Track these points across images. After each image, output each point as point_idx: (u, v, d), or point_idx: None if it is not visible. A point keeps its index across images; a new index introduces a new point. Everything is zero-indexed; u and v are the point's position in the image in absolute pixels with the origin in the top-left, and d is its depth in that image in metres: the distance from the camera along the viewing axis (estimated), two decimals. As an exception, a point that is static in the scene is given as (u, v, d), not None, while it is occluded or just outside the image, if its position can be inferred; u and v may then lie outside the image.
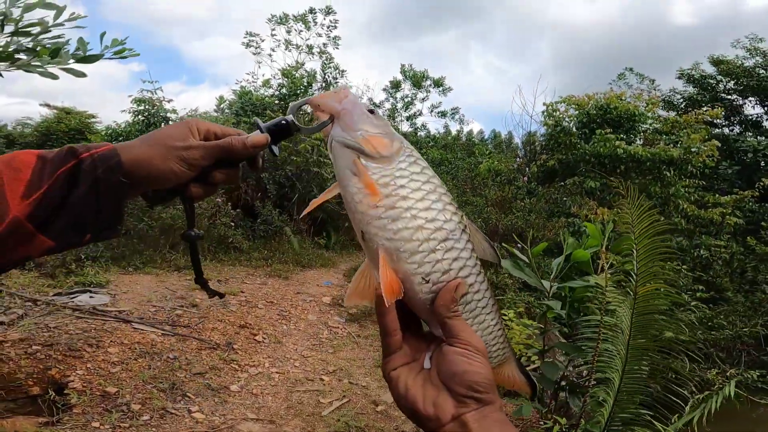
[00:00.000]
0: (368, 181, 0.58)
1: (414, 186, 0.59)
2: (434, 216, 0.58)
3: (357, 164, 0.59)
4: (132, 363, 3.64)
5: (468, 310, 0.59)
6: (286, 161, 10.95)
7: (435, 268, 0.56)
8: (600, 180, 8.63)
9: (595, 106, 9.79)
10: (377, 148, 0.60)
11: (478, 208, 7.81)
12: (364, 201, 0.58)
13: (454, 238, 0.58)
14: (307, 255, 10.05)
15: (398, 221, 0.56)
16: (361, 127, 0.61)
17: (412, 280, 0.55)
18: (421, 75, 16.38)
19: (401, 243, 0.55)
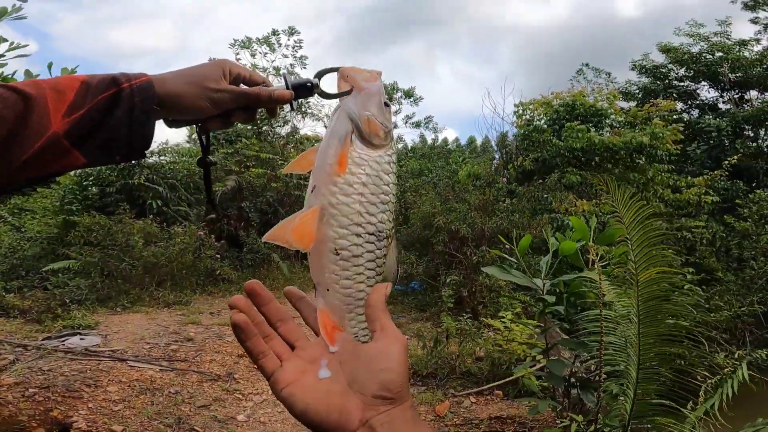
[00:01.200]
0: (344, 155, 0.63)
1: (376, 181, 0.65)
2: (374, 211, 0.64)
3: (347, 137, 0.65)
4: (134, 400, 3.55)
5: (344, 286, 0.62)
6: (266, 188, 10.87)
7: (350, 248, 0.61)
8: (578, 174, 8.84)
9: (562, 104, 10.09)
10: (372, 134, 0.66)
11: (462, 213, 7.90)
12: (333, 165, 0.64)
13: (377, 236, 0.63)
14: (298, 279, 9.97)
15: (346, 197, 0.62)
16: (371, 110, 0.67)
17: (326, 245, 0.61)
18: (391, 87, 16.62)
19: (336, 212, 0.62)
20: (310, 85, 0.74)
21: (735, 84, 12.51)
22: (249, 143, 11.08)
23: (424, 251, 9.38)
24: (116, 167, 9.61)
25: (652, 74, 13.49)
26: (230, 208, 10.64)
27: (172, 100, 0.65)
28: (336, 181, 0.63)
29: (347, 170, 0.64)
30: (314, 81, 0.74)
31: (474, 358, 4.90)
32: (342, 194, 0.63)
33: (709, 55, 12.57)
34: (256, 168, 10.59)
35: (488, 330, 5.58)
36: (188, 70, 0.69)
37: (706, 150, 11.39)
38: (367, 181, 0.64)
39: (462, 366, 4.58)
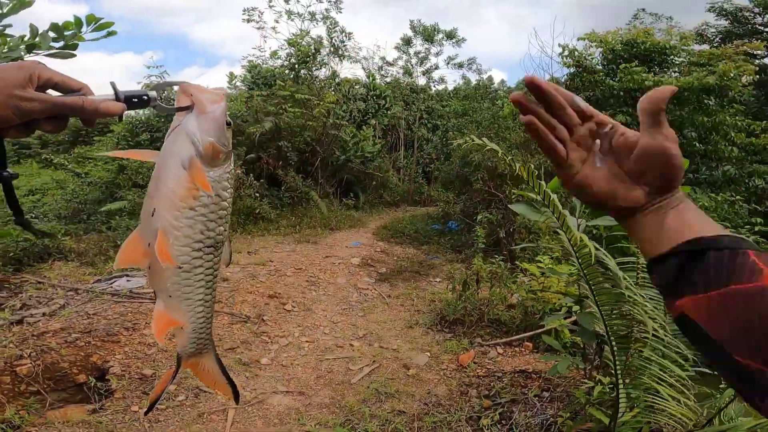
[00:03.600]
0: (205, 180, 0.66)
1: (216, 200, 0.69)
2: (213, 227, 0.70)
3: (195, 163, 0.66)
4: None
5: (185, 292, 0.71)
6: (303, 127, 10.75)
7: (191, 262, 0.69)
8: (631, 114, 8.12)
9: (621, 42, 9.16)
10: (212, 158, 0.68)
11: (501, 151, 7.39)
12: (177, 192, 0.67)
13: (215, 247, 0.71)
14: (336, 217, 10.04)
15: (188, 219, 0.67)
16: (213, 134, 0.67)
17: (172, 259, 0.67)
18: (432, 29, 15.63)
19: (179, 234, 0.67)
20: (146, 98, 0.69)
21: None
22: (285, 85, 10.91)
23: (463, 189, 9.03)
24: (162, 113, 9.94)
25: (733, 17, 12.16)
26: (269, 148, 10.67)
27: None
28: (178, 206, 0.67)
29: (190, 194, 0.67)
30: (151, 94, 0.70)
31: (506, 305, 4.71)
32: (185, 218, 0.67)
33: None
34: (292, 109, 10.44)
35: (523, 275, 5.33)
36: None
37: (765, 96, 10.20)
38: (209, 201, 0.68)
39: (492, 313, 4.42)
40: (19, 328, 3.70)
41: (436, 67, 16.63)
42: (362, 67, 15.86)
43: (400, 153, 15.75)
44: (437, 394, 3.09)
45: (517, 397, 2.91)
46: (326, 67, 13.02)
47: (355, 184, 12.67)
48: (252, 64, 12.82)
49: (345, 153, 11.96)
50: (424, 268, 6.62)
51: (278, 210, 9.81)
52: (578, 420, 2.32)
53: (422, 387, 3.21)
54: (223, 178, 0.70)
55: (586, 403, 2.30)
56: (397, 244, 8.32)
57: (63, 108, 0.62)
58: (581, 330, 2.92)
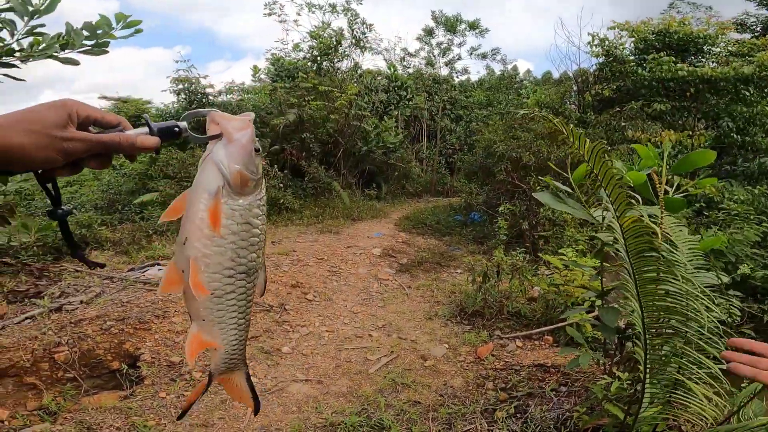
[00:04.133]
0: (217, 213, 0.68)
1: (246, 228, 0.71)
2: (244, 254, 0.71)
3: (218, 192, 0.68)
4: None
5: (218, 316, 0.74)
6: (326, 119, 10.84)
7: (223, 288, 0.71)
8: (668, 103, 7.83)
9: (653, 31, 8.84)
10: (241, 186, 0.69)
11: (527, 142, 7.25)
12: (207, 221, 0.68)
13: (247, 273, 0.73)
14: (358, 208, 10.11)
15: (218, 248, 0.69)
16: (241, 162, 0.68)
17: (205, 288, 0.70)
18: (455, 19, 15.36)
19: (209, 261, 0.69)
20: (177, 130, 0.70)
21: None
22: (307, 77, 11.00)
23: (486, 180, 8.92)
24: (190, 107, 10.28)
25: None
26: (293, 140, 10.81)
27: (12, 152, 0.56)
28: (208, 235, 0.68)
29: (219, 227, 0.68)
30: (182, 125, 0.70)
31: (527, 298, 4.67)
32: (214, 246, 0.69)
33: None
34: (315, 101, 10.53)
35: (546, 268, 5.25)
36: (26, 115, 0.58)
37: None
38: (238, 230, 0.70)
39: (512, 306, 4.39)
40: (58, 316, 3.91)
41: (458, 58, 16.39)
42: (384, 58, 15.78)
43: (422, 144, 15.65)
44: (453, 385, 3.12)
45: (534, 390, 2.90)
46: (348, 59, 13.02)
47: (378, 175, 12.69)
48: (275, 57, 12.96)
49: (367, 144, 11.98)
50: (445, 260, 6.61)
51: (301, 200, 9.96)
52: (594, 415, 2.30)
53: (439, 378, 3.23)
54: (254, 206, 0.71)
55: (603, 399, 2.28)
56: (419, 234, 8.32)
57: (103, 146, 0.63)
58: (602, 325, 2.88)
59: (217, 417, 2.66)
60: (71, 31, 2.32)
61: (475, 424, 2.57)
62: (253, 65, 12.90)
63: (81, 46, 2.36)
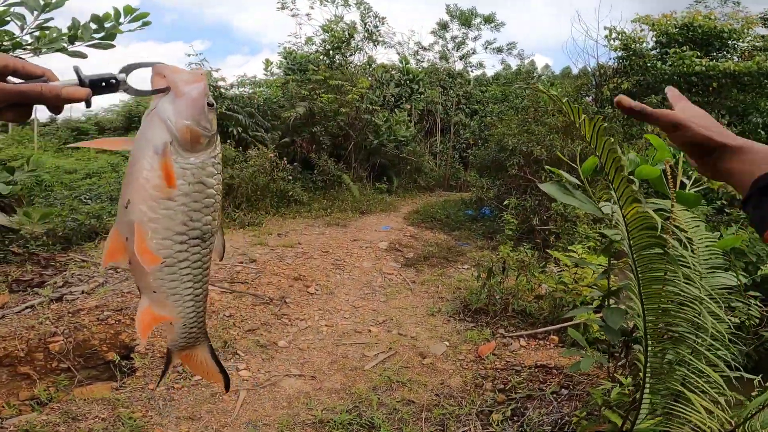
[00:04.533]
0: (171, 172, 0.61)
1: (199, 188, 0.64)
2: (198, 217, 0.65)
3: (167, 150, 0.62)
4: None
5: (171, 287, 0.67)
6: (336, 113, 10.76)
7: (175, 255, 0.65)
8: (691, 98, 7.55)
9: (675, 25, 8.50)
10: (192, 143, 0.63)
11: (540, 136, 7.04)
12: (152, 181, 0.61)
13: (202, 239, 0.67)
14: (367, 201, 10.02)
15: (167, 210, 0.63)
16: (191, 117, 0.63)
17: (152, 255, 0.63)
18: (469, 12, 15.05)
19: (157, 226, 0.63)
20: (114, 81, 0.63)
21: None
22: (319, 70, 10.93)
23: (498, 175, 8.74)
24: None
25: None
26: (303, 133, 10.77)
27: None
28: (154, 196, 0.62)
29: (175, 186, 0.62)
30: (120, 77, 0.63)
31: (534, 295, 4.52)
32: (163, 208, 0.63)
33: None
34: (326, 94, 10.46)
35: (555, 265, 5.08)
36: None
37: None
38: (190, 190, 0.64)
39: (517, 304, 4.25)
40: (58, 305, 3.92)
41: (473, 52, 16.09)
42: (396, 52, 15.59)
43: (436, 138, 15.46)
44: (450, 385, 3.01)
45: (533, 393, 2.78)
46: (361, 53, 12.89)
47: (389, 168, 12.57)
48: (287, 50, 12.92)
49: (378, 137, 11.86)
50: (452, 255, 6.48)
51: (311, 193, 9.92)
52: (592, 421, 2.17)
53: (436, 377, 3.13)
54: (208, 164, 0.65)
55: (603, 405, 2.15)
56: (428, 229, 8.19)
57: (21, 96, 0.58)
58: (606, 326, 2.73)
59: (204, 410, 2.61)
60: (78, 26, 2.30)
61: (468, 427, 2.46)
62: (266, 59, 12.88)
63: (90, 39, 2.33)
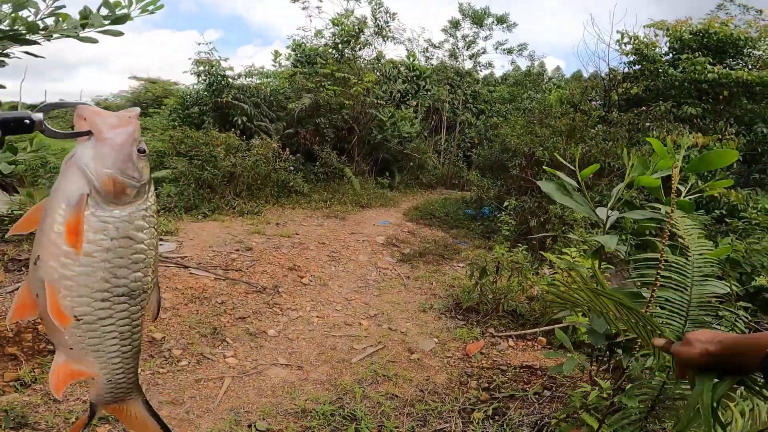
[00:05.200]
0: (77, 228, 0.57)
1: (125, 243, 0.60)
2: (124, 274, 0.62)
3: (80, 201, 0.57)
4: (182, 308, 3.87)
5: (92, 344, 0.63)
6: (342, 106, 10.74)
7: (95, 313, 0.61)
8: (700, 106, 7.45)
9: (690, 31, 8.40)
10: (116, 194, 0.59)
11: (543, 138, 7.01)
12: (61, 235, 0.57)
13: (129, 296, 0.64)
14: (368, 195, 10.03)
15: (83, 268, 0.58)
16: (113, 165, 0.59)
17: (66, 313, 0.59)
18: (483, 12, 14.94)
19: (72, 284, 0.58)
20: (28, 122, 0.59)
21: None
22: (326, 63, 10.91)
23: (500, 175, 8.72)
24: (209, 88, 10.40)
25: None
26: (307, 124, 10.77)
27: None
28: (66, 253, 0.57)
29: (84, 238, 0.58)
30: (36, 117, 0.59)
31: (526, 296, 4.52)
32: (78, 266, 0.58)
33: None
34: (331, 87, 10.44)
35: (549, 266, 5.08)
36: None
37: None
38: (113, 246, 0.61)
39: (508, 304, 4.25)
40: (52, 282, 3.96)
41: (483, 52, 16.00)
42: (406, 48, 15.51)
43: (441, 136, 15.41)
44: (436, 381, 3.02)
45: (516, 393, 2.79)
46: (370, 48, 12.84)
47: (392, 164, 12.56)
48: (296, 42, 12.90)
49: (382, 132, 11.84)
50: (449, 252, 6.49)
51: (312, 184, 9.94)
52: (570, 423, 2.18)
53: (422, 373, 3.14)
54: (136, 217, 0.61)
55: (581, 407, 2.16)
56: (426, 225, 8.20)
57: None
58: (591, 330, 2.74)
59: (187, 396, 2.63)
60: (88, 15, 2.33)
61: (449, 423, 2.47)
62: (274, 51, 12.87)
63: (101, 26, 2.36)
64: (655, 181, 2.40)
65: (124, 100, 19.25)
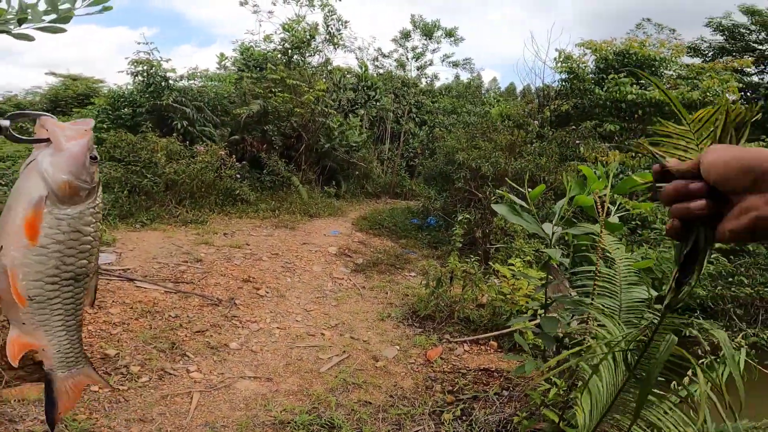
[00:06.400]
0: (34, 224, 0.66)
1: (75, 236, 0.70)
2: (72, 261, 0.71)
3: (39, 202, 0.67)
4: (133, 323, 3.69)
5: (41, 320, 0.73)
6: (291, 113, 10.65)
7: (44, 294, 0.70)
8: (619, 124, 8.29)
9: (614, 51, 9.32)
10: (70, 196, 0.68)
11: (486, 152, 7.48)
12: (22, 229, 0.67)
13: (76, 279, 0.72)
14: (316, 204, 10.01)
15: (38, 257, 0.68)
16: (69, 172, 0.67)
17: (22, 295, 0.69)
18: (433, 25, 15.54)
19: (28, 270, 0.68)
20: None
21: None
22: (276, 69, 10.77)
23: (445, 186, 9.11)
24: (147, 89, 9.81)
25: (729, 33, 12.49)
26: (254, 131, 10.55)
27: None
28: (26, 244, 0.66)
29: (41, 232, 0.67)
30: (3, 123, 0.69)
31: (476, 304, 4.82)
32: (34, 255, 0.68)
33: None
34: (282, 94, 10.33)
35: (495, 276, 5.44)
36: None
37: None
38: (65, 239, 0.70)
39: (462, 311, 4.51)
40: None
41: (430, 63, 16.61)
42: (356, 56, 15.70)
43: (385, 145, 15.74)
44: (403, 387, 3.16)
45: (478, 394, 3.01)
46: (320, 54, 12.86)
47: (338, 173, 12.63)
48: (244, 46, 12.60)
49: (330, 141, 11.89)
50: (400, 262, 6.69)
51: (258, 193, 9.73)
52: (532, 420, 2.42)
53: (389, 379, 3.27)
54: (86, 214, 0.71)
55: (541, 404, 2.40)
56: (375, 236, 8.36)
57: None
58: (543, 333, 3.03)
59: (156, 412, 2.55)
60: (25, 8, 2.19)
61: (423, 426, 2.62)
62: (220, 53, 12.48)
63: (39, 21, 2.23)
64: (589, 200, 2.77)
65: (39, 96, 17.58)
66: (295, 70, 11.38)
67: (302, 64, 12.14)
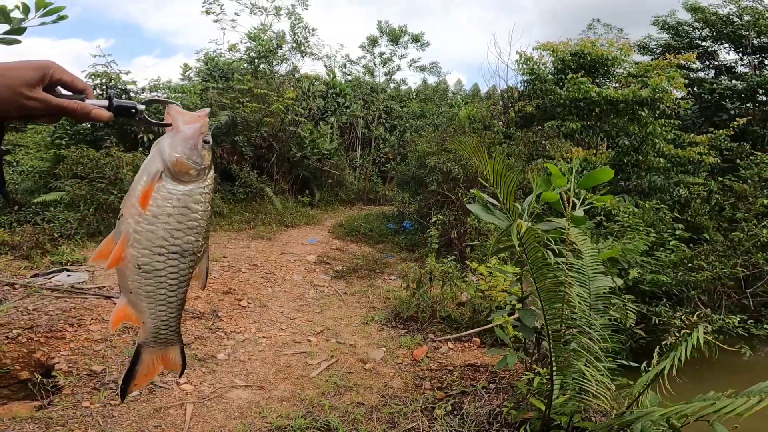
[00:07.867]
0: (147, 194, 0.73)
1: (183, 211, 0.75)
2: (179, 236, 0.76)
3: (155, 175, 0.74)
4: (116, 339, 3.62)
5: (146, 291, 0.77)
6: (260, 123, 10.60)
7: (152, 264, 0.76)
8: (580, 122, 8.67)
9: (570, 52, 9.72)
10: (181, 173, 0.75)
11: (457, 155, 7.70)
12: (139, 199, 0.74)
13: (181, 254, 0.77)
14: (291, 214, 9.99)
15: (149, 225, 0.74)
16: (181, 151, 0.74)
17: (129, 262, 0.75)
18: (399, 31, 15.80)
19: (139, 237, 0.74)
20: (134, 111, 0.76)
21: (758, 49, 12.27)
22: (243, 79, 10.68)
23: (418, 190, 9.29)
24: None
25: (674, 31, 13.10)
26: (224, 142, 10.42)
27: None
28: (140, 212, 0.73)
29: (154, 203, 0.73)
30: (140, 108, 0.77)
31: (456, 303, 4.96)
32: (146, 223, 0.74)
33: (737, 18, 12.19)
34: (250, 104, 10.26)
35: (473, 274, 5.62)
36: (6, 69, 0.63)
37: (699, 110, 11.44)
38: (174, 212, 0.75)
39: (443, 311, 4.64)
40: (-45, 325, 3.46)
41: (398, 69, 16.84)
42: (324, 64, 15.75)
43: (357, 152, 15.83)
44: (393, 386, 3.25)
45: (467, 389, 3.13)
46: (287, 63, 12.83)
47: (311, 181, 12.63)
48: (208, 56, 12.43)
49: (302, 150, 11.88)
50: (379, 266, 6.78)
51: (231, 205, 9.63)
52: (521, 409, 2.55)
53: (379, 380, 3.35)
54: (195, 192, 0.76)
55: (528, 394, 2.54)
56: (353, 242, 8.43)
57: (60, 110, 0.68)
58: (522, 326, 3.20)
59: (152, 425, 2.54)
60: None
61: (416, 422, 2.72)
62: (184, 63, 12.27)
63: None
64: (555, 196, 2.96)
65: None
66: (263, 80, 11.33)
67: (270, 73, 12.10)
